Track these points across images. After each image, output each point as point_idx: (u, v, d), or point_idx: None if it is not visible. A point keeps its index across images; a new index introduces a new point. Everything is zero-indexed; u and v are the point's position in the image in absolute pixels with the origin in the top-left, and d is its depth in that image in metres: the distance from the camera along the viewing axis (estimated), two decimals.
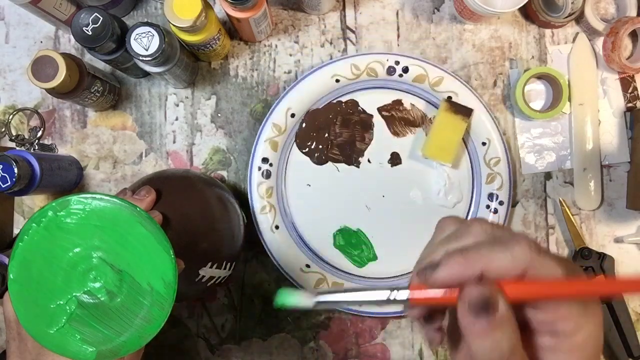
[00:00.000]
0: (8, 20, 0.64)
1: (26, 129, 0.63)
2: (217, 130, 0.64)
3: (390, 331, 0.63)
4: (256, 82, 0.64)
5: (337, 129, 0.62)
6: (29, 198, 0.63)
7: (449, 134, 0.60)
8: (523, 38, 0.64)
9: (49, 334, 0.34)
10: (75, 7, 0.59)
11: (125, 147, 0.64)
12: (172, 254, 0.36)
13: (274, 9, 0.64)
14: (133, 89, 0.64)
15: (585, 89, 0.63)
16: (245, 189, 0.63)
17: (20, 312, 0.35)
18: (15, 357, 0.40)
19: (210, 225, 0.51)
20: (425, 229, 0.62)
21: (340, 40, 0.64)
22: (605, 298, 0.60)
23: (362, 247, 0.62)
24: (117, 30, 0.52)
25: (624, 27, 0.59)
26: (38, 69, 0.51)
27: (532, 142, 0.64)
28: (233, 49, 0.64)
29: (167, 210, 0.47)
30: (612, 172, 0.64)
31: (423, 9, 0.64)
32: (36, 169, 0.54)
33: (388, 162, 0.62)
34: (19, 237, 0.35)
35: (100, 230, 0.35)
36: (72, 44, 0.64)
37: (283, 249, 0.60)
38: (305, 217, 0.62)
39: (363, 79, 0.62)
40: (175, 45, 0.54)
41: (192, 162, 0.64)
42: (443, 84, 0.61)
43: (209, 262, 0.50)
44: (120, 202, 0.35)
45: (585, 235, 0.63)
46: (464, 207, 0.62)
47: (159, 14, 0.64)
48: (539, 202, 0.63)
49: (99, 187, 0.63)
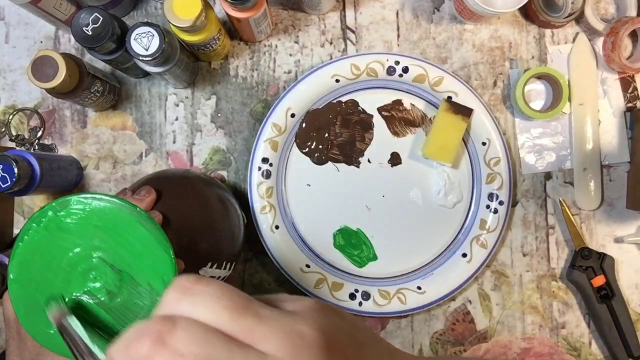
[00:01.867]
0: (8, 20, 0.64)
1: (26, 129, 0.63)
2: (217, 130, 0.64)
3: (390, 331, 0.63)
4: (256, 82, 0.64)
5: (337, 129, 0.62)
6: (29, 198, 0.63)
7: (449, 134, 0.60)
8: (523, 38, 0.64)
9: (49, 334, 0.34)
10: (75, 7, 0.59)
11: (125, 147, 0.64)
12: (172, 254, 0.36)
13: (274, 9, 0.64)
14: (133, 89, 0.64)
15: (585, 89, 0.63)
16: (245, 189, 0.63)
17: (20, 312, 0.35)
18: (14, 356, 0.40)
19: (210, 225, 0.51)
20: (425, 229, 0.62)
21: (340, 40, 0.64)
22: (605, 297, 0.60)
23: (362, 247, 0.62)
24: (117, 30, 0.52)
25: (624, 27, 0.59)
26: (38, 69, 0.51)
27: (532, 142, 0.64)
28: (233, 49, 0.64)
29: (167, 210, 0.47)
30: (612, 172, 0.64)
31: (423, 9, 0.64)
32: (36, 169, 0.54)
33: (388, 162, 0.62)
34: (19, 237, 0.35)
35: (100, 230, 0.35)
36: (72, 44, 0.64)
37: (283, 249, 0.60)
38: (305, 217, 0.62)
39: (363, 79, 0.62)
40: (175, 45, 0.54)
41: (192, 162, 0.64)
42: (443, 84, 0.61)
43: (209, 262, 0.50)
44: (120, 202, 0.35)
45: (585, 235, 0.63)
46: (464, 207, 0.62)
47: (159, 14, 0.64)
48: (539, 202, 0.63)
49: (99, 187, 0.63)
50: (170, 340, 0.20)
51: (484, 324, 0.63)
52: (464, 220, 0.62)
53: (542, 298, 0.63)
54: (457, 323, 0.63)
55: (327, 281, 0.61)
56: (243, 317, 0.21)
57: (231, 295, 0.21)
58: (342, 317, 0.24)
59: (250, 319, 0.21)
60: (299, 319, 0.22)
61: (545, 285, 0.63)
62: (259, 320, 0.21)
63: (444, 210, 0.62)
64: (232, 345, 0.20)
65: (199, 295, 0.21)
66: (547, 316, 0.63)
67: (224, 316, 0.21)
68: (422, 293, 0.60)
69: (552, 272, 0.63)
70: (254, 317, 0.21)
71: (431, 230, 0.62)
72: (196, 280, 0.22)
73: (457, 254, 0.61)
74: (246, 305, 0.21)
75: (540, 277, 0.63)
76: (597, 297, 0.60)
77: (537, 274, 0.63)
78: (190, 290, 0.22)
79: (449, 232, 0.62)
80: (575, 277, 0.61)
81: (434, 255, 0.62)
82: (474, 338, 0.63)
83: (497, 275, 0.63)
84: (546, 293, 0.63)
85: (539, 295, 0.63)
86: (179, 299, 0.22)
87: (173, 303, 0.22)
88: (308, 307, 0.23)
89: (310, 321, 0.22)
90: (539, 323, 0.63)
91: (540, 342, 0.63)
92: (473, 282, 0.62)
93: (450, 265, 0.61)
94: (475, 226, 0.61)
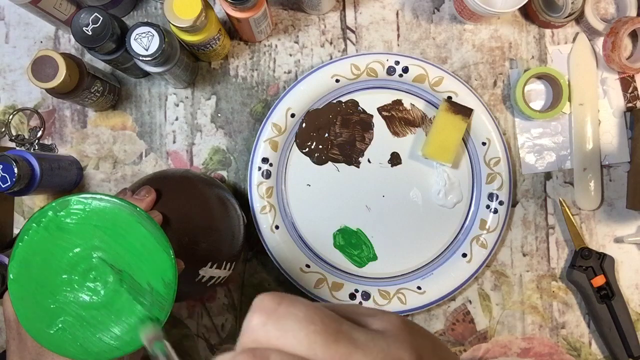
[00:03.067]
0: (8, 20, 0.64)
1: (26, 129, 0.63)
2: (217, 130, 0.64)
3: None
4: (256, 82, 0.64)
5: (337, 129, 0.62)
6: (29, 198, 0.63)
7: (449, 134, 0.60)
8: (523, 38, 0.64)
9: (49, 334, 0.34)
10: (75, 7, 0.59)
11: (125, 147, 0.64)
12: (172, 254, 0.36)
13: (274, 9, 0.64)
14: (133, 89, 0.64)
15: (585, 89, 0.63)
16: (245, 189, 0.63)
17: (20, 312, 0.35)
18: (14, 356, 0.40)
19: (210, 225, 0.51)
20: (425, 229, 0.62)
21: (340, 40, 0.64)
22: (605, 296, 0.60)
23: (362, 247, 0.62)
24: (117, 30, 0.52)
25: (624, 27, 0.59)
26: (38, 69, 0.51)
27: (532, 142, 0.64)
28: (233, 49, 0.64)
29: (167, 210, 0.47)
30: (612, 172, 0.64)
31: (423, 9, 0.64)
32: (36, 169, 0.54)
33: (388, 162, 0.62)
34: (19, 237, 0.35)
35: (100, 231, 0.35)
36: (72, 44, 0.64)
37: (283, 249, 0.60)
38: (305, 217, 0.62)
39: (363, 79, 0.62)
40: (175, 45, 0.54)
41: (192, 162, 0.64)
42: (443, 84, 0.61)
43: (209, 262, 0.50)
44: (120, 202, 0.35)
45: (585, 235, 0.63)
46: (464, 207, 0.62)
47: (159, 14, 0.64)
48: (539, 202, 0.63)
49: (99, 187, 0.63)
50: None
51: (484, 324, 0.63)
52: (464, 220, 0.62)
53: (542, 298, 0.63)
54: (457, 323, 0.63)
55: (327, 281, 0.61)
56: (337, 343, 0.19)
57: (321, 317, 0.20)
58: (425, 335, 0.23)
59: (345, 345, 0.19)
60: (394, 342, 0.21)
61: (545, 285, 0.63)
62: (355, 347, 0.19)
63: (444, 210, 0.62)
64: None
65: (286, 319, 0.20)
66: (547, 316, 0.63)
67: (317, 342, 0.19)
68: (422, 293, 0.60)
69: (552, 272, 0.63)
70: (349, 342, 0.19)
71: (431, 230, 0.62)
72: (280, 299, 0.20)
73: (457, 254, 0.61)
74: (338, 329, 0.20)
75: (540, 277, 0.63)
76: (597, 297, 0.60)
77: (537, 274, 0.63)
78: (275, 313, 0.20)
79: (449, 232, 0.62)
80: (575, 277, 0.61)
81: (434, 255, 0.62)
82: (474, 338, 0.63)
83: (497, 275, 0.63)
84: (546, 293, 0.63)
85: (539, 295, 0.63)
86: (264, 323, 0.20)
87: (259, 329, 0.20)
88: (398, 327, 0.22)
89: (405, 343, 0.21)
90: (539, 323, 0.63)
91: (540, 342, 0.63)
92: (473, 282, 0.62)
93: (450, 265, 0.61)
94: (475, 226, 0.61)
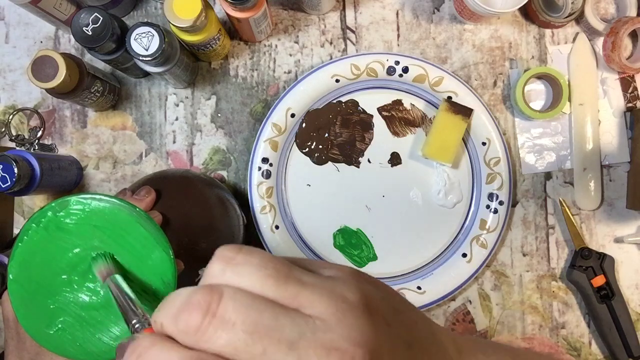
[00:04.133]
0: (8, 20, 0.64)
1: (26, 129, 0.63)
2: (217, 130, 0.64)
3: None
4: (256, 82, 0.64)
5: (337, 129, 0.62)
6: (29, 198, 0.63)
7: (449, 134, 0.60)
8: (523, 38, 0.64)
9: (48, 334, 0.34)
10: (75, 7, 0.59)
11: (125, 147, 0.64)
12: (172, 254, 0.36)
13: (274, 9, 0.64)
14: (133, 89, 0.64)
15: (585, 89, 0.63)
16: (245, 189, 0.63)
17: (19, 312, 0.35)
18: (13, 356, 0.40)
19: (210, 225, 0.52)
20: (425, 229, 0.62)
21: (340, 40, 0.64)
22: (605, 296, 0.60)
23: (362, 247, 0.62)
24: (117, 30, 0.52)
25: (624, 27, 0.59)
26: (38, 69, 0.51)
27: (532, 142, 0.64)
28: (233, 49, 0.64)
29: (167, 210, 0.47)
30: (612, 172, 0.64)
31: (423, 9, 0.64)
32: (36, 169, 0.54)
33: (388, 162, 0.62)
34: (19, 237, 0.35)
35: (99, 231, 0.35)
36: (72, 44, 0.64)
37: (283, 249, 0.60)
38: (305, 217, 0.62)
39: (363, 79, 0.62)
40: (175, 45, 0.54)
41: (192, 162, 0.64)
42: (443, 84, 0.61)
43: (209, 262, 0.50)
44: (120, 203, 0.35)
45: (585, 235, 0.63)
46: (464, 207, 0.62)
47: (159, 14, 0.64)
48: (539, 202, 0.63)
49: (99, 187, 0.63)
50: (219, 310, 0.20)
51: (484, 324, 0.63)
52: (464, 220, 0.62)
53: (542, 298, 0.63)
54: (457, 323, 0.63)
55: None
56: (287, 284, 0.21)
57: (274, 264, 0.22)
58: (377, 284, 0.25)
59: (294, 285, 0.21)
60: (340, 284, 0.22)
61: (545, 285, 0.63)
62: (303, 286, 0.21)
63: (444, 210, 0.62)
64: (279, 310, 0.21)
65: (243, 265, 0.22)
66: (547, 316, 0.63)
67: (268, 284, 0.21)
68: (422, 293, 0.60)
69: (552, 272, 0.63)
70: (298, 283, 0.21)
71: (431, 230, 0.62)
72: (238, 250, 0.23)
73: (457, 254, 0.61)
74: (289, 273, 0.22)
75: (540, 277, 0.63)
76: (597, 297, 0.60)
77: (537, 274, 0.63)
78: (233, 260, 0.22)
79: (449, 232, 0.62)
80: (575, 277, 0.61)
81: (434, 255, 0.62)
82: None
83: (497, 275, 0.63)
84: (546, 293, 0.63)
85: (539, 295, 0.63)
86: (223, 269, 0.22)
87: (217, 274, 0.22)
88: (348, 274, 0.24)
89: (351, 286, 0.22)
90: (539, 323, 0.63)
91: (540, 342, 0.63)
92: (473, 282, 0.62)
93: (450, 265, 0.61)
94: (475, 226, 0.61)
